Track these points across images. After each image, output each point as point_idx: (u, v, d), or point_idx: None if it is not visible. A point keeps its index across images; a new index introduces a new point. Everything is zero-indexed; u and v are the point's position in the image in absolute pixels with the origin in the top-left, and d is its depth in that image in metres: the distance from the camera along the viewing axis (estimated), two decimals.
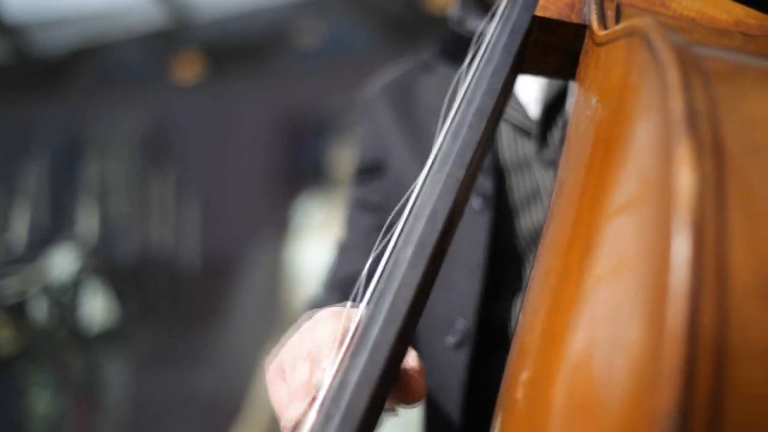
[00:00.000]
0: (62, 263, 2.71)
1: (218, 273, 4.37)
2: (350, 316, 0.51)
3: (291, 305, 2.70)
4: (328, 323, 0.52)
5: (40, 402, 2.57)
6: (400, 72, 0.92)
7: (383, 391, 0.47)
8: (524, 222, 0.76)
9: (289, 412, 0.49)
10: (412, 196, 0.55)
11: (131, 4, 4.35)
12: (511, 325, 0.74)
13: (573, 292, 0.41)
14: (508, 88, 0.60)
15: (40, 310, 2.60)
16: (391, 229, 0.55)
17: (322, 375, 0.48)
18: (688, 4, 0.55)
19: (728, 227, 0.33)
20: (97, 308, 2.70)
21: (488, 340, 0.74)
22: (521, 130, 0.78)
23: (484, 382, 0.70)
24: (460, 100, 0.59)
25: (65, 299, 2.66)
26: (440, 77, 0.84)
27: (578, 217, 0.45)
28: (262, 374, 0.58)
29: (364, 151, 0.91)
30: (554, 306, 0.44)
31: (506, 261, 0.76)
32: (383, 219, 0.86)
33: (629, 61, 0.45)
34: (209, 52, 4.69)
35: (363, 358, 0.46)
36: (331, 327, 0.51)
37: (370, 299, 0.50)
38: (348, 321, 0.51)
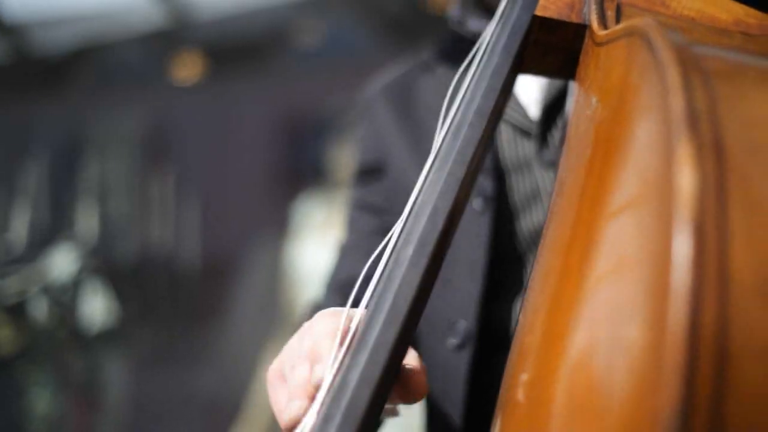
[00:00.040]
0: (62, 263, 2.70)
1: (218, 273, 4.37)
2: (350, 316, 0.51)
3: (291, 305, 2.70)
4: (328, 323, 0.52)
5: (40, 402, 2.56)
6: (400, 72, 0.92)
7: (384, 390, 0.47)
8: (524, 222, 0.76)
9: (289, 410, 0.49)
10: (413, 196, 0.55)
11: (131, 4, 4.34)
12: (512, 326, 0.74)
13: (573, 292, 0.41)
14: (508, 87, 0.60)
15: (40, 310, 2.60)
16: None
17: (322, 374, 0.48)
18: (688, 3, 0.55)
19: (729, 226, 0.33)
20: (97, 308, 2.69)
21: (490, 341, 0.74)
22: (521, 131, 0.78)
23: (485, 384, 0.70)
24: (460, 99, 0.59)
25: (65, 299, 2.66)
26: (440, 77, 0.84)
27: (578, 217, 0.45)
28: (262, 374, 0.58)
29: (364, 152, 0.91)
30: (554, 306, 0.44)
31: (507, 262, 0.76)
32: (384, 220, 0.86)
33: (629, 60, 0.45)
34: (209, 52, 4.70)
35: (364, 357, 0.45)
36: (330, 326, 0.51)
37: (371, 299, 0.50)
38: (348, 321, 0.51)
